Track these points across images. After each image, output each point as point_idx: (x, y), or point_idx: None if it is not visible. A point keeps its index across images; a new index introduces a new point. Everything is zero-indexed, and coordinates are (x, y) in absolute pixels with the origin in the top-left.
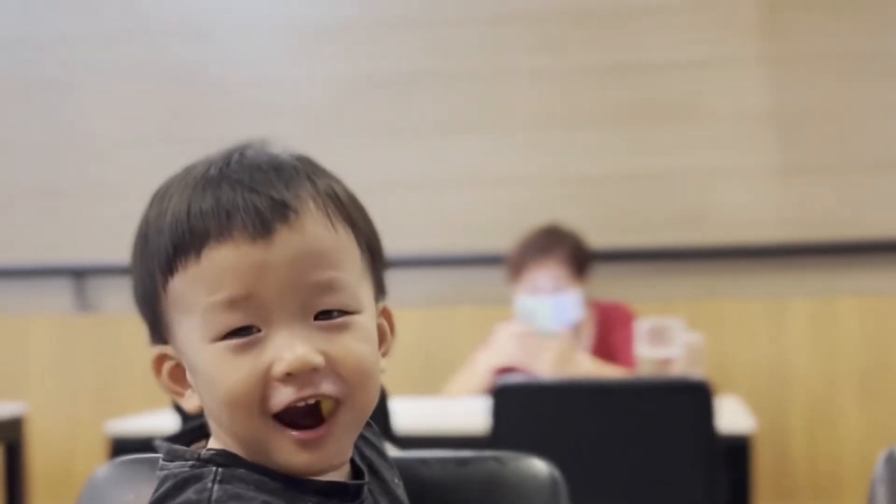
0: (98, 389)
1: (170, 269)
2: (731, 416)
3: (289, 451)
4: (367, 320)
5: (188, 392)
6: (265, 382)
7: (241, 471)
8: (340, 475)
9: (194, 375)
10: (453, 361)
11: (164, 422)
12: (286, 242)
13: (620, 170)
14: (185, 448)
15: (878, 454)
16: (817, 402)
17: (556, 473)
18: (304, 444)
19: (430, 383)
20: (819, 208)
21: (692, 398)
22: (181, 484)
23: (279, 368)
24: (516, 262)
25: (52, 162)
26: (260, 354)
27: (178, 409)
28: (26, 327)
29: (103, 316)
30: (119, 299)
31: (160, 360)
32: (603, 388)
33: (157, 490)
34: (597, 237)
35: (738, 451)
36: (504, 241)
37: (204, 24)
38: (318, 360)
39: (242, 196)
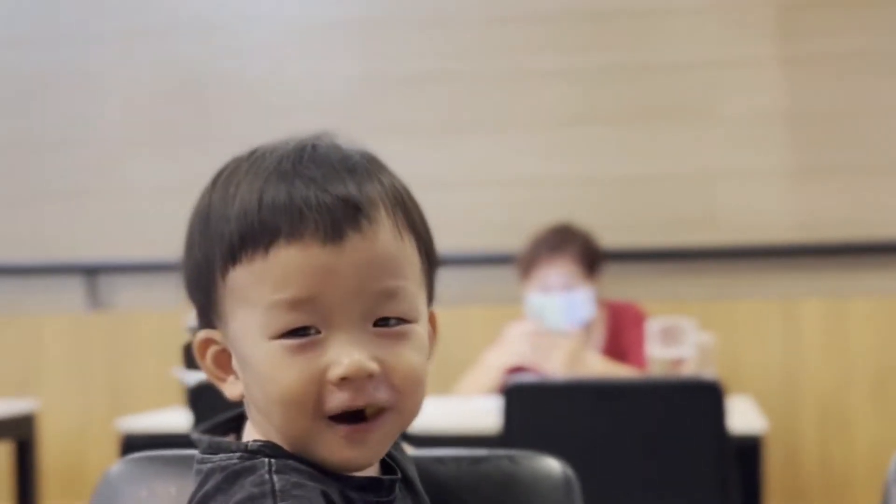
0: (110, 386)
1: (233, 259)
2: (742, 417)
3: (335, 446)
4: (421, 329)
5: (231, 378)
6: (320, 384)
7: (292, 461)
8: (373, 471)
9: (245, 367)
10: (464, 361)
11: (176, 419)
12: (356, 249)
13: (633, 170)
14: (229, 440)
15: (890, 456)
16: (829, 403)
17: (570, 472)
18: (350, 441)
19: (441, 382)
20: (832, 209)
21: (704, 398)
22: (233, 477)
23: (336, 373)
24: (527, 260)
25: (65, 160)
26: (317, 356)
27: (193, 405)
28: (39, 325)
29: (116, 313)
30: (131, 297)
31: (206, 344)
32: (614, 389)
33: (203, 484)
34: (609, 237)
35: (749, 451)
36: (515, 240)
37: (222, 21)
38: (374, 367)
39: (316, 196)
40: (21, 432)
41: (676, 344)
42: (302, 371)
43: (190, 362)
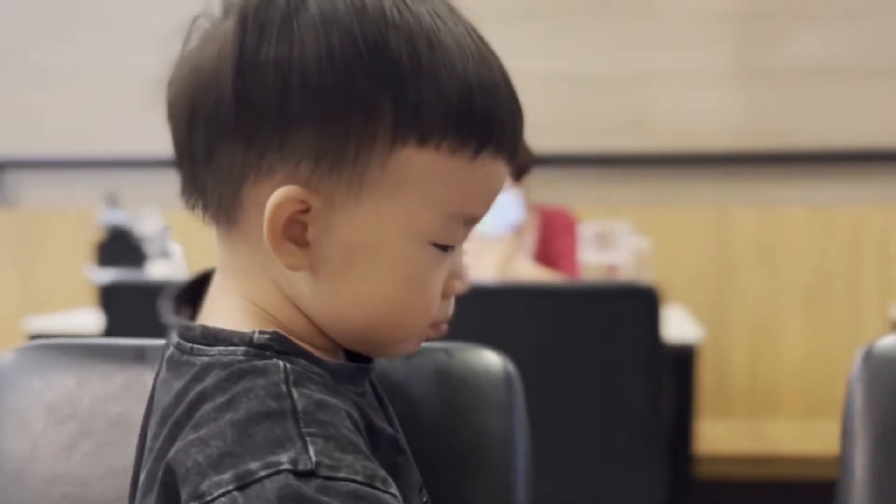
0: (19, 286)
1: (429, 138)
2: (676, 325)
3: (412, 345)
4: None
5: (291, 247)
6: (441, 293)
7: (302, 362)
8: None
9: (362, 253)
10: None
11: (86, 320)
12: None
13: (568, 69)
14: (228, 329)
15: (817, 368)
16: (759, 315)
17: (510, 366)
18: (422, 341)
19: None
20: (769, 116)
21: (639, 303)
22: (237, 376)
23: (458, 289)
24: None
25: None
26: (447, 267)
27: (104, 305)
28: None
29: (24, 211)
30: (40, 194)
31: (290, 205)
32: (547, 293)
33: (198, 380)
34: (540, 139)
35: (682, 360)
36: None
37: None
38: None
39: (515, 108)
40: None
41: (610, 249)
42: (437, 285)
43: (102, 261)
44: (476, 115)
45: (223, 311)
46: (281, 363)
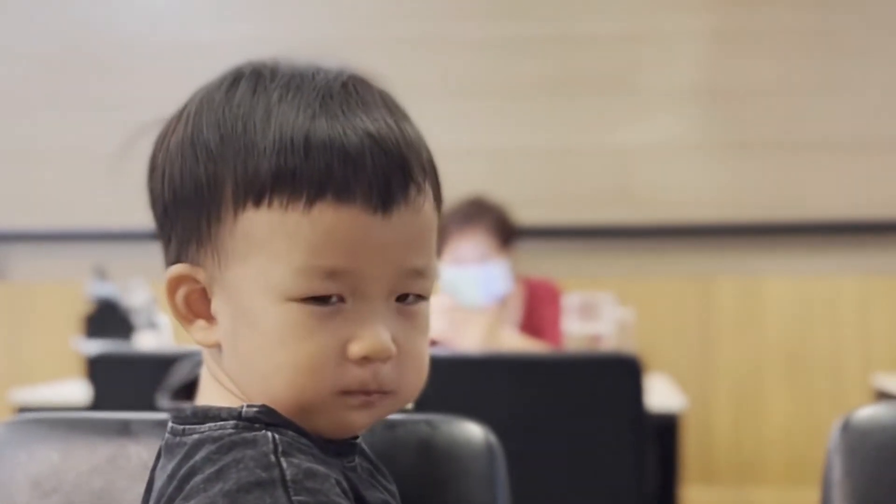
0: (6, 357)
1: (258, 199)
2: (659, 394)
3: (341, 412)
4: (429, 308)
5: (201, 322)
6: (339, 357)
7: (291, 433)
8: None
9: (243, 321)
10: None
11: (74, 391)
12: (402, 221)
13: (551, 143)
14: (217, 406)
15: (801, 436)
16: (742, 384)
17: (492, 438)
18: (358, 408)
19: None
20: (749, 188)
21: (623, 373)
22: (227, 447)
23: (358, 351)
24: (440, 233)
25: None
26: (339, 328)
27: (92, 377)
28: None
29: (12, 283)
30: (29, 266)
31: (180, 281)
32: (531, 363)
33: (189, 456)
34: (524, 212)
35: (666, 429)
36: None
37: None
38: (394, 350)
39: (371, 153)
40: None
41: (595, 319)
42: (322, 343)
43: (90, 332)
44: (297, 170)
45: (211, 398)
46: (269, 434)
